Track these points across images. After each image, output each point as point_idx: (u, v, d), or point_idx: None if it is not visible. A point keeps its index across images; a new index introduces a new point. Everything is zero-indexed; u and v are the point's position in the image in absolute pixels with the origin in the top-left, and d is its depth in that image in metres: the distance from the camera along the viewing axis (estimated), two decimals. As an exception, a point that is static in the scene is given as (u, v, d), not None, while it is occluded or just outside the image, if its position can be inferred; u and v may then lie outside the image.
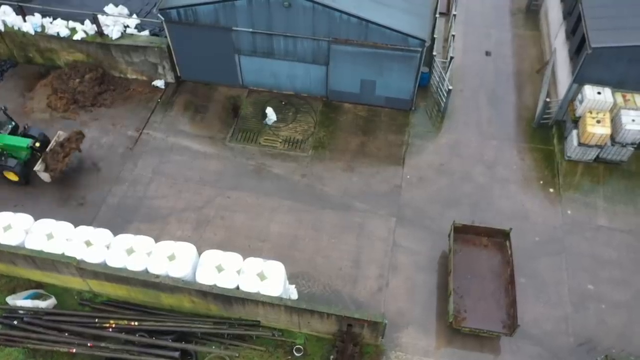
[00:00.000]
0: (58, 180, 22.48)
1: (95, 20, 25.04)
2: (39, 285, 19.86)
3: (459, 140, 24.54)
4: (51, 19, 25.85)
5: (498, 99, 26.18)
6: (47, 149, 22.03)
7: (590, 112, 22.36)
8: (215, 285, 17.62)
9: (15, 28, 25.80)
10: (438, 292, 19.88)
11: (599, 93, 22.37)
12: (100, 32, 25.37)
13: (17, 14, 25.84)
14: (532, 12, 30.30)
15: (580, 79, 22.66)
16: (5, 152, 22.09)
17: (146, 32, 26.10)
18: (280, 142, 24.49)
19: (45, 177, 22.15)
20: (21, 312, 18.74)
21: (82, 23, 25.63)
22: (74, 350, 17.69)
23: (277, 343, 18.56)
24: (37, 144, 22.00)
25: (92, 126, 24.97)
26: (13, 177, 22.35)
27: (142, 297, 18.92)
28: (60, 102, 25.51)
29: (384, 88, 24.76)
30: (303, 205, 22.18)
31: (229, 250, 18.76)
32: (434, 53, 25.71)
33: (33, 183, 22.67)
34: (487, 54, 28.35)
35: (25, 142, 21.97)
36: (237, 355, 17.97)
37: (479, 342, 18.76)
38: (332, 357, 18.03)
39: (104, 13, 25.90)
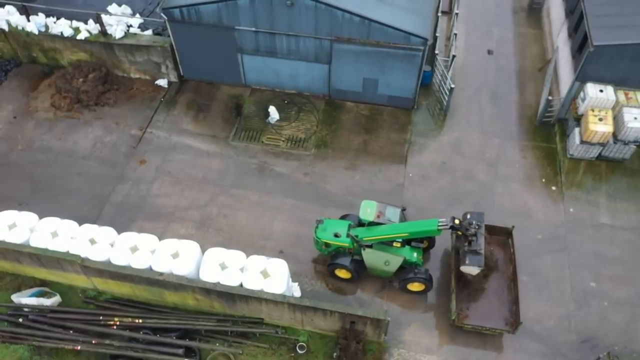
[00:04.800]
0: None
1: (98, 20, 25.15)
2: (43, 283, 19.95)
3: (461, 138, 24.58)
4: (55, 19, 25.93)
5: (500, 97, 26.20)
6: (472, 232, 18.05)
7: (593, 110, 22.38)
8: (218, 283, 17.69)
9: (19, 28, 25.91)
10: (440, 289, 19.94)
11: (601, 91, 22.39)
12: (103, 32, 25.47)
13: (20, 13, 25.95)
14: (534, 11, 30.35)
15: (582, 77, 22.69)
16: (413, 264, 19.15)
17: (149, 32, 26.19)
18: (283, 141, 24.56)
19: (471, 270, 18.28)
20: (26, 309, 18.86)
21: (86, 22, 25.75)
22: (79, 348, 17.82)
23: (281, 340, 18.64)
24: (457, 221, 17.96)
25: (96, 125, 25.10)
26: (418, 287, 19.33)
27: (146, 295, 19.02)
28: (64, 102, 25.62)
29: (386, 86, 24.81)
30: (306, 204, 22.23)
31: (232, 248, 18.85)
32: (436, 52, 25.75)
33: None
34: (489, 52, 28.38)
35: (433, 223, 17.91)
36: (240, 352, 18.04)
37: (481, 340, 18.80)
38: (335, 354, 18.11)
39: (107, 12, 25.97)
